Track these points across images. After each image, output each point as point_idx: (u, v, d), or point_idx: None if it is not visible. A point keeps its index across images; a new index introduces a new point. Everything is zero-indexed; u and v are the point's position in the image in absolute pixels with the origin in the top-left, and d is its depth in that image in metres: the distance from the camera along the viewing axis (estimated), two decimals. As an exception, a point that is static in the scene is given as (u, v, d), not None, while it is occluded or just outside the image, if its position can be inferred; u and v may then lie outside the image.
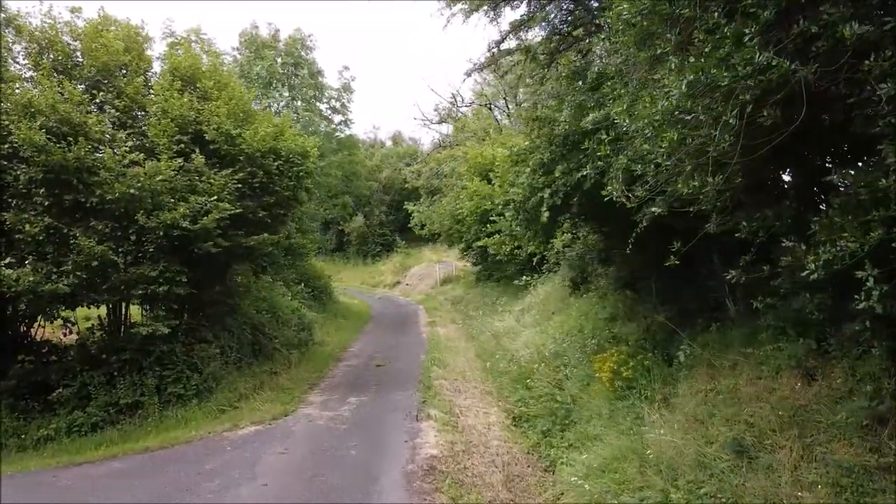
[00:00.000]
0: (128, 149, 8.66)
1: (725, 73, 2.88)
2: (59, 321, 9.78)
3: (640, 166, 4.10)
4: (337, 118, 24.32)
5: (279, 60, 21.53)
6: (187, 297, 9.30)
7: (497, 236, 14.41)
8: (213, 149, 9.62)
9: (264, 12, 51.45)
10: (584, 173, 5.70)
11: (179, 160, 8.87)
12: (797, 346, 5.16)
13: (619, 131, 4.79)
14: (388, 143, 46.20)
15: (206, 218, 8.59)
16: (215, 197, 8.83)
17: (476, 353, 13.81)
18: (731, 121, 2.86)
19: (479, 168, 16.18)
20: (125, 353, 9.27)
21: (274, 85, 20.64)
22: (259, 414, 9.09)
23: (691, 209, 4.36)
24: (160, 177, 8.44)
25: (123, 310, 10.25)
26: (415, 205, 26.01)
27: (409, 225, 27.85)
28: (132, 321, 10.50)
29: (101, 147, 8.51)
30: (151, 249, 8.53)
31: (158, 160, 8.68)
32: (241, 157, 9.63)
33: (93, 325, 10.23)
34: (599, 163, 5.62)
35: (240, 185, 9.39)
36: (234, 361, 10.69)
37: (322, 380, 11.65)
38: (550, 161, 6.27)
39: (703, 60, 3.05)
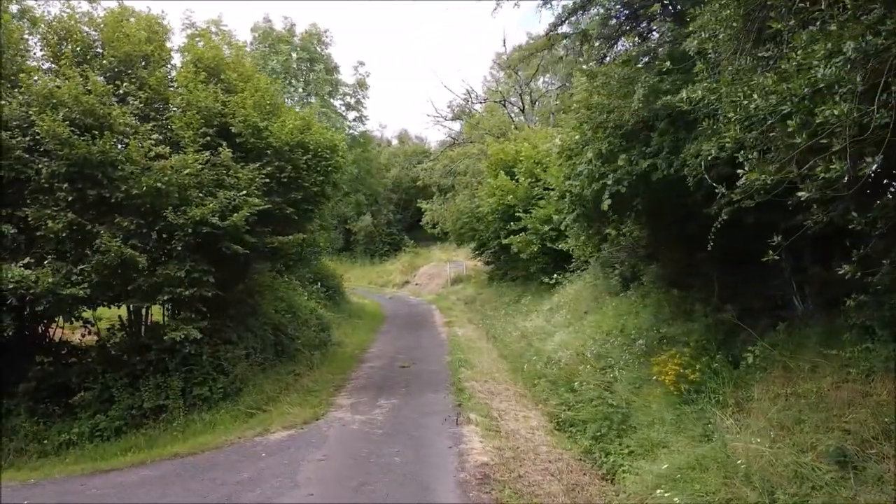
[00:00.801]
0: (153, 142, 8.30)
1: (883, 40, 2.53)
2: (79, 322, 9.44)
3: (741, 152, 3.73)
4: (351, 115, 24.00)
5: (294, 55, 21.16)
6: (214, 297, 8.92)
7: (523, 234, 14.05)
8: (240, 142, 9.26)
9: (267, 8, 51.01)
10: (652, 162, 5.35)
11: (206, 153, 8.51)
12: (891, 347, 4.81)
13: (705, 113, 4.44)
14: (395, 142, 45.87)
15: (235, 214, 8.22)
16: (244, 192, 8.46)
17: (500, 354, 13.48)
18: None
19: (500, 164, 15.83)
20: (149, 354, 8.92)
21: (289, 80, 20.28)
22: (289, 418, 8.73)
23: (790, 200, 4.00)
24: (187, 170, 8.08)
25: (144, 309, 9.91)
26: (427, 202, 25.64)
27: (421, 223, 27.50)
28: (153, 321, 10.18)
29: (125, 140, 8.14)
30: (179, 248, 8.15)
31: (185, 153, 8.31)
32: (268, 151, 9.27)
33: (113, 325, 9.88)
34: (668, 153, 5.26)
35: (267, 180, 9.03)
36: (259, 363, 10.33)
37: (347, 381, 11.29)
38: (610, 152, 5.92)
39: (847, 28, 2.71)
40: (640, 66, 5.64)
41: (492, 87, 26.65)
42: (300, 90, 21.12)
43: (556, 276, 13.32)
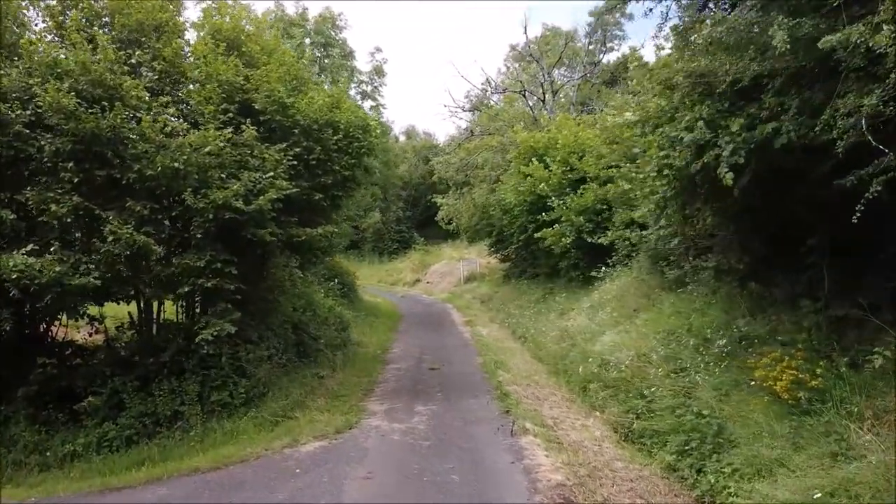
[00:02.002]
0: (169, 117, 7.40)
1: None
2: (85, 319, 8.54)
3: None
4: (367, 104, 23.04)
5: (308, 41, 20.23)
6: (235, 292, 8.01)
7: (556, 227, 13.13)
8: (264, 120, 8.35)
9: None
10: (776, 126, 4.46)
11: (228, 130, 7.61)
12: None
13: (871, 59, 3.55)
14: (402, 139, 44.95)
15: (261, 198, 7.32)
16: (271, 174, 7.56)
17: (533, 356, 12.60)
18: None
19: (530, 152, 14.92)
20: (163, 355, 8.03)
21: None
22: (319, 426, 7.82)
23: None
24: (207, 148, 7.18)
25: (157, 305, 9.02)
26: (443, 197, 24.71)
27: (436, 218, 26.56)
28: (166, 319, 9.28)
29: (138, 114, 7.24)
30: (199, 235, 7.24)
31: (205, 130, 7.40)
32: (295, 130, 8.37)
33: (122, 323, 8.97)
34: (795, 113, 4.35)
35: (294, 162, 8.12)
36: (282, 365, 9.43)
37: (375, 385, 10.38)
38: (711, 118, 5.02)
39: None
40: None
41: (508, 79, 25.70)
42: (315, 76, 20.19)
43: (601, 269, 12.37)
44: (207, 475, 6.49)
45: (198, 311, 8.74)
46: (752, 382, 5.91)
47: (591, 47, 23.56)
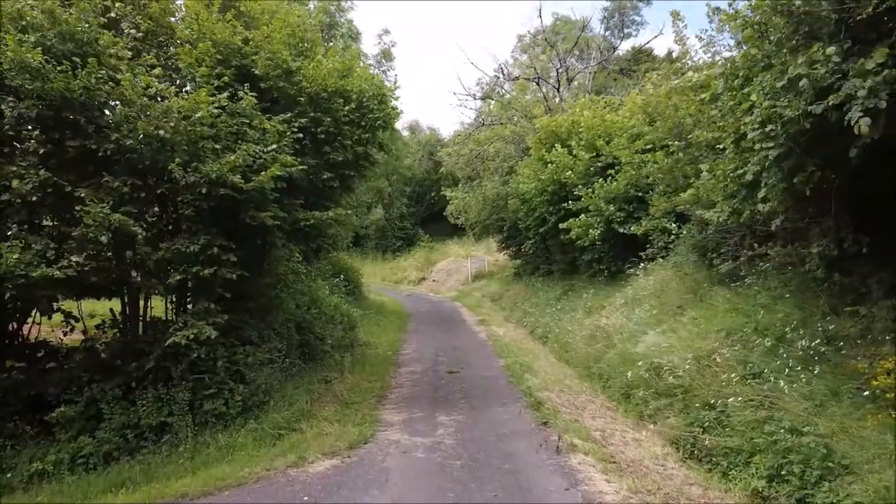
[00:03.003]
0: (154, 79, 6.29)
1: None
2: (60, 316, 7.46)
3: None
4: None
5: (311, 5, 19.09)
6: (232, 285, 6.93)
7: (583, 217, 12.01)
8: (265, 88, 7.26)
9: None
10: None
11: (224, 95, 6.51)
12: None
13: None
14: (406, 133, 43.81)
15: (263, 174, 6.22)
16: (273, 147, 6.47)
17: (559, 358, 11.52)
18: None
19: (551, 138, 13.82)
20: (149, 359, 6.94)
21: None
22: (329, 440, 6.73)
23: None
24: (199, 114, 6.08)
25: (143, 301, 7.92)
26: (452, 190, 23.60)
27: (445, 213, 25.46)
28: (153, 317, 8.18)
29: (117, 75, 6.13)
30: (189, 213, 6.15)
31: (196, 94, 6.30)
32: (300, 99, 7.27)
33: (103, 321, 7.88)
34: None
35: (300, 135, 7.02)
36: (285, 368, 8.34)
37: (389, 390, 9.30)
38: (831, 59, 3.95)
39: None
40: None
41: (518, 69, 24.59)
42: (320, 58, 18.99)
43: (633, 263, 11.26)
44: (198, 503, 5.41)
45: (190, 306, 7.63)
46: (865, 392, 4.82)
47: (606, 33, 22.55)
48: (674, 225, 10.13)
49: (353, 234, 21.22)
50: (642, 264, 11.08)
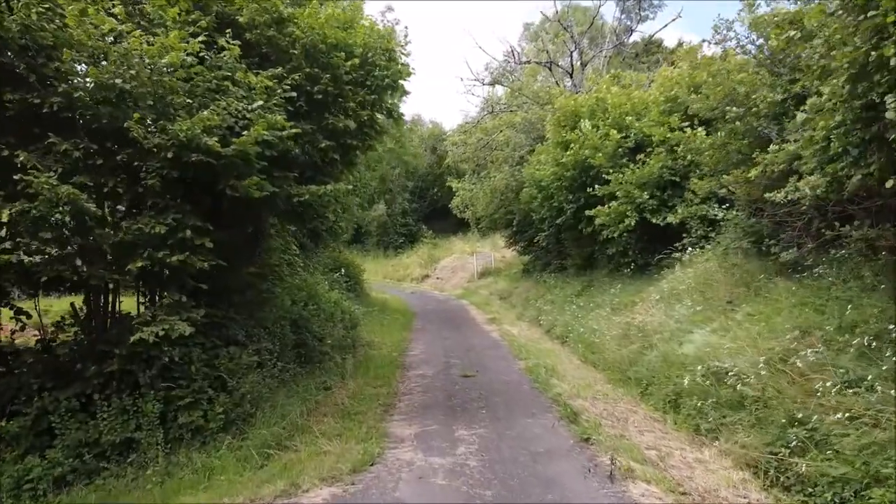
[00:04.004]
0: (113, 18, 5.11)
1: None
2: (9, 312, 6.30)
3: None
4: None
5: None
6: (211, 275, 5.77)
7: (614, 204, 10.82)
8: (251, 40, 6.09)
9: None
10: None
11: (199, 39, 5.33)
12: None
13: None
14: (407, 129, 42.60)
15: (245, 134, 5.06)
16: (259, 103, 5.30)
17: (583, 359, 10.36)
18: None
19: (571, 119, 12.62)
20: (112, 363, 5.78)
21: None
22: (328, 461, 5.56)
23: None
24: (166, 59, 4.91)
25: (111, 295, 6.75)
26: (459, 182, 22.40)
27: (450, 205, 24.29)
28: (122, 312, 7.00)
29: (63, 12, 4.96)
30: (155, 184, 4.99)
31: (165, 38, 5.12)
32: (294, 51, 6.09)
33: (63, 317, 6.70)
34: None
35: (293, 95, 5.85)
36: (277, 373, 7.16)
37: (396, 397, 8.14)
38: None
39: None
40: None
41: (525, 57, 23.37)
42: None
43: (665, 254, 10.06)
44: (160, 548, 4.25)
45: (164, 300, 6.46)
46: None
47: (622, 16, 21.41)
48: (719, 210, 8.93)
49: (354, 225, 20.00)
50: (685, 253, 9.88)
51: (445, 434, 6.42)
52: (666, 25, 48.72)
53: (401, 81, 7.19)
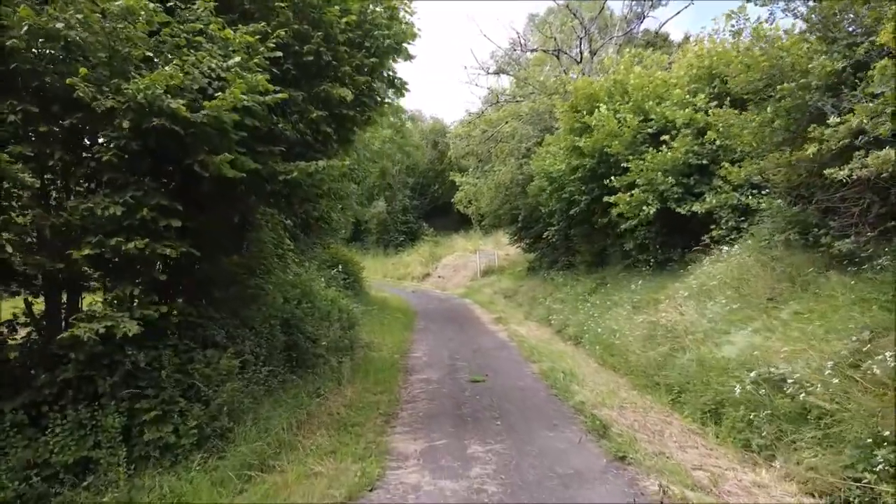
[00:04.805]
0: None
1: None
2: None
3: None
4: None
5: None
6: (185, 266, 4.90)
7: (636, 192, 9.94)
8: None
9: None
10: None
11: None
12: None
13: None
14: (408, 124, 41.71)
15: (219, 96, 4.20)
16: (237, 59, 4.44)
17: (600, 362, 9.51)
18: None
19: (587, 104, 11.72)
20: (66, 369, 4.92)
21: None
22: (319, 486, 4.71)
23: None
24: (120, 1, 4.04)
25: (73, 293, 5.87)
26: (463, 175, 21.52)
27: (453, 200, 23.41)
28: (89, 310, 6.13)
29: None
30: (110, 157, 4.12)
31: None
32: (278, 3, 5.21)
33: (14, 316, 5.83)
34: None
35: (279, 55, 4.99)
36: (263, 380, 6.29)
37: (399, 406, 7.28)
38: None
39: None
40: None
41: (532, 45, 22.46)
42: None
43: (709, 242, 9.15)
44: None
45: (135, 295, 5.56)
46: None
47: (632, 1, 20.54)
48: (756, 198, 8.06)
49: (352, 220, 19.08)
50: (716, 246, 9.02)
51: (456, 450, 5.56)
52: (679, 12, 47.72)
53: (405, 44, 6.32)
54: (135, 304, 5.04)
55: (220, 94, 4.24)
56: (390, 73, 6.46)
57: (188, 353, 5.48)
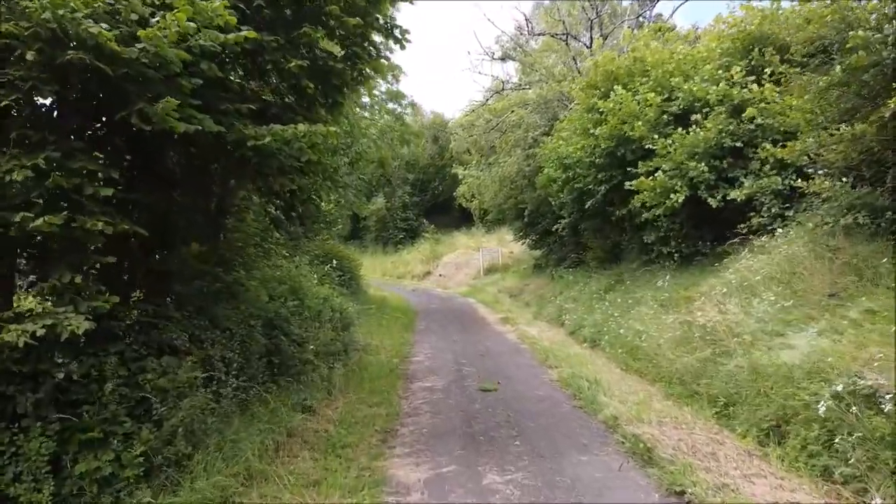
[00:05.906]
0: None
1: None
2: None
3: None
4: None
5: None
6: (135, 251, 3.85)
7: (659, 175, 8.89)
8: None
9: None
10: None
11: None
12: None
13: None
14: (408, 119, 40.65)
15: (159, 20, 3.16)
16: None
17: (623, 367, 8.47)
18: None
19: (607, 83, 10.66)
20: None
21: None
22: (296, 532, 3.67)
23: None
24: None
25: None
26: (466, 168, 20.49)
27: (455, 194, 22.41)
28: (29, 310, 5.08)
29: None
30: (9, 104, 3.09)
31: None
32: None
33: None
34: None
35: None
36: (233, 393, 5.24)
37: (398, 420, 6.23)
38: None
39: None
40: None
41: (538, 29, 21.38)
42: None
43: (748, 232, 8.07)
44: None
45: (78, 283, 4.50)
46: None
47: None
48: (810, 179, 7.00)
49: (349, 214, 17.99)
50: (759, 236, 7.98)
51: (469, 481, 4.52)
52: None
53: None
54: (81, 294, 4.01)
55: (164, 21, 3.20)
56: (387, 18, 5.40)
57: (138, 360, 4.43)
